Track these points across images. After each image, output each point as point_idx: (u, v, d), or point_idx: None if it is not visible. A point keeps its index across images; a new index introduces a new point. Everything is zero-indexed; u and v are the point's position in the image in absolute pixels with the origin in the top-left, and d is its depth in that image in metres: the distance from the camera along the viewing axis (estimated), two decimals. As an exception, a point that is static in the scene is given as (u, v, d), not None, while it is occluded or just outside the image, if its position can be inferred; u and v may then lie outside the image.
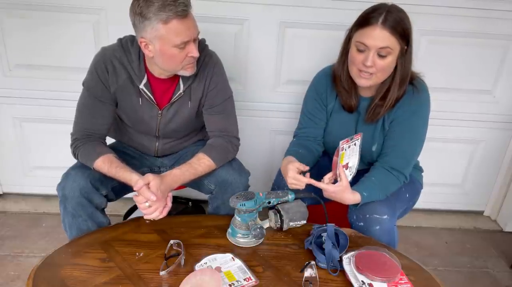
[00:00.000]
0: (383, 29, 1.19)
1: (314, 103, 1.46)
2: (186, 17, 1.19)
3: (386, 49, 1.21)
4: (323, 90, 1.44)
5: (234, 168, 1.43)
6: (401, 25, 1.20)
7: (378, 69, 1.24)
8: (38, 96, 1.92)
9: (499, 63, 1.93)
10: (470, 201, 2.28)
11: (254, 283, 1.09)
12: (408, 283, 1.10)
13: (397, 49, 1.22)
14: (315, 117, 1.47)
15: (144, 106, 1.38)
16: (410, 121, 1.33)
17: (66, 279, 1.07)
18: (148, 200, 1.22)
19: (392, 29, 1.19)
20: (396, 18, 1.19)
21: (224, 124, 1.45)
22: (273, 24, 1.83)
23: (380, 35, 1.20)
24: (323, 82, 1.44)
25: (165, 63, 1.27)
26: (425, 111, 1.35)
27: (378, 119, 1.36)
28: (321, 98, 1.45)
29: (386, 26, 1.19)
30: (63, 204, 1.29)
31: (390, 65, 1.24)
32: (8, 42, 1.83)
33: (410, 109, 1.32)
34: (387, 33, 1.19)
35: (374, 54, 1.22)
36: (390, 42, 1.20)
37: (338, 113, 1.44)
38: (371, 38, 1.21)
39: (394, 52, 1.22)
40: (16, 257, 1.79)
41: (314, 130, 1.48)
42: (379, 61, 1.22)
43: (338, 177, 1.24)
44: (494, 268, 1.93)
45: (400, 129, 1.34)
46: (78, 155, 1.34)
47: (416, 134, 1.36)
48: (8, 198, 2.18)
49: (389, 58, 1.22)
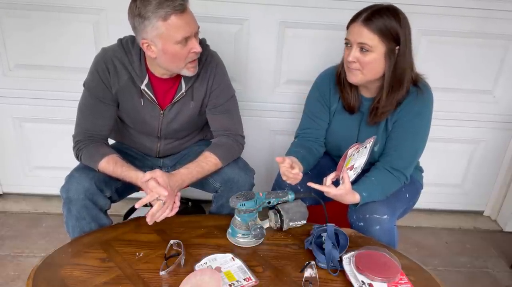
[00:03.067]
0: (362, 26, 1.21)
1: (316, 104, 1.46)
2: (185, 12, 1.19)
3: (366, 45, 1.22)
4: (326, 91, 1.44)
5: (240, 166, 1.43)
6: (386, 25, 1.20)
7: (362, 65, 1.25)
8: (38, 96, 1.92)
9: (499, 63, 1.92)
10: (470, 201, 2.28)
11: (254, 283, 1.09)
12: (408, 283, 1.10)
13: (379, 47, 1.22)
14: (317, 118, 1.47)
15: (145, 106, 1.38)
16: (413, 122, 1.33)
17: (66, 279, 1.07)
18: (160, 195, 1.20)
19: (373, 27, 1.20)
20: (381, 18, 1.20)
21: (228, 123, 1.45)
22: (273, 24, 1.83)
23: (359, 31, 1.22)
24: (326, 83, 1.44)
25: (169, 62, 1.27)
26: (428, 113, 1.35)
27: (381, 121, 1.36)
28: (324, 99, 1.45)
29: (367, 23, 1.21)
30: (67, 207, 1.28)
31: (373, 62, 1.24)
32: (8, 42, 1.83)
33: (413, 110, 1.32)
34: (366, 30, 1.21)
35: (355, 50, 1.24)
36: (368, 39, 1.21)
37: (341, 114, 1.44)
38: (351, 33, 1.25)
39: (377, 51, 1.23)
40: (16, 257, 1.79)
41: (316, 131, 1.48)
42: (361, 57, 1.24)
43: (341, 180, 1.24)
44: (494, 268, 1.93)
45: (403, 130, 1.34)
46: (81, 157, 1.33)
47: (418, 135, 1.36)
48: (8, 198, 2.18)
49: (371, 55, 1.23)
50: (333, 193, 1.24)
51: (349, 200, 1.27)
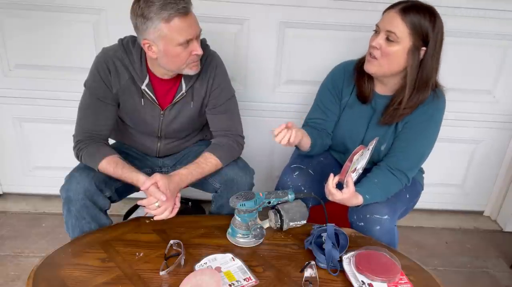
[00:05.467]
0: (397, 15, 1.21)
1: (328, 95, 1.45)
2: (188, 15, 1.19)
3: (393, 35, 1.21)
4: (340, 82, 1.43)
5: (240, 166, 1.43)
6: (420, 21, 1.20)
7: (383, 53, 1.24)
8: (38, 96, 1.92)
9: (499, 63, 1.92)
10: (470, 201, 2.28)
11: (254, 283, 1.09)
12: (408, 283, 1.10)
13: (406, 41, 1.21)
14: (327, 109, 1.45)
15: (146, 106, 1.38)
16: (424, 125, 1.33)
17: (66, 279, 1.07)
18: (159, 200, 1.22)
19: (407, 19, 1.19)
20: (417, 13, 1.20)
21: (228, 123, 1.45)
22: (273, 24, 1.83)
23: (392, 18, 1.21)
24: (341, 74, 1.43)
25: (170, 63, 1.27)
26: (440, 118, 1.35)
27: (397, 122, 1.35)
28: (336, 90, 1.43)
29: (403, 13, 1.20)
30: (66, 206, 1.28)
31: (395, 54, 1.23)
32: (8, 42, 1.83)
33: (426, 113, 1.32)
34: (400, 20, 1.20)
35: (382, 36, 1.23)
36: (398, 29, 1.20)
37: (352, 108, 1.42)
38: (384, 20, 1.24)
39: (403, 43, 1.21)
40: (16, 257, 1.79)
41: (324, 122, 1.47)
42: (385, 46, 1.23)
43: (345, 184, 1.23)
44: (494, 268, 1.93)
45: (413, 132, 1.34)
46: (82, 157, 1.33)
47: (427, 139, 1.35)
48: (8, 198, 2.18)
49: (396, 46, 1.22)
50: (338, 198, 1.23)
51: (353, 203, 1.28)
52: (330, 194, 1.24)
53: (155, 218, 1.25)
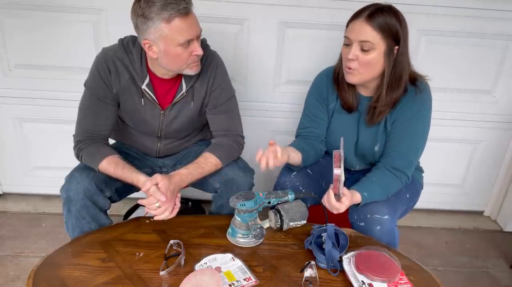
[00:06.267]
0: (365, 23, 1.21)
1: (315, 103, 1.46)
2: (188, 15, 1.19)
3: (367, 44, 1.21)
4: (324, 90, 1.44)
5: (240, 166, 1.43)
6: (387, 22, 1.20)
7: (360, 64, 1.24)
8: (38, 96, 1.92)
9: (499, 63, 1.93)
10: (470, 201, 2.28)
11: (254, 283, 1.09)
12: (408, 283, 1.10)
13: (381, 45, 1.22)
14: (317, 118, 1.47)
15: (146, 106, 1.38)
16: (411, 122, 1.33)
17: (66, 279, 1.07)
18: (159, 201, 1.22)
19: (376, 24, 1.20)
20: (383, 15, 1.20)
21: (228, 123, 1.45)
22: (273, 24, 1.83)
23: (361, 28, 1.21)
24: (324, 82, 1.44)
25: (170, 63, 1.27)
26: (426, 112, 1.35)
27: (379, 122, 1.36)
28: (322, 98, 1.45)
29: (370, 21, 1.20)
30: (66, 206, 1.28)
31: (373, 61, 1.24)
32: (8, 42, 1.83)
33: (412, 110, 1.32)
34: (369, 27, 1.20)
35: (356, 48, 1.23)
36: (371, 37, 1.21)
37: (340, 113, 1.44)
38: (353, 31, 1.23)
39: (378, 49, 1.22)
40: (16, 257, 1.79)
41: (316, 130, 1.48)
42: (362, 56, 1.23)
43: (342, 194, 1.23)
44: (494, 268, 1.93)
45: (402, 130, 1.34)
46: (82, 157, 1.33)
47: (417, 135, 1.35)
48: (8, 198, 2.18)
49: (372, 53, 1.23)
50: (344, 209, 1.25)
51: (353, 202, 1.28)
52: (335, 209, 1.25)
53: (155, 218, 1.25)
